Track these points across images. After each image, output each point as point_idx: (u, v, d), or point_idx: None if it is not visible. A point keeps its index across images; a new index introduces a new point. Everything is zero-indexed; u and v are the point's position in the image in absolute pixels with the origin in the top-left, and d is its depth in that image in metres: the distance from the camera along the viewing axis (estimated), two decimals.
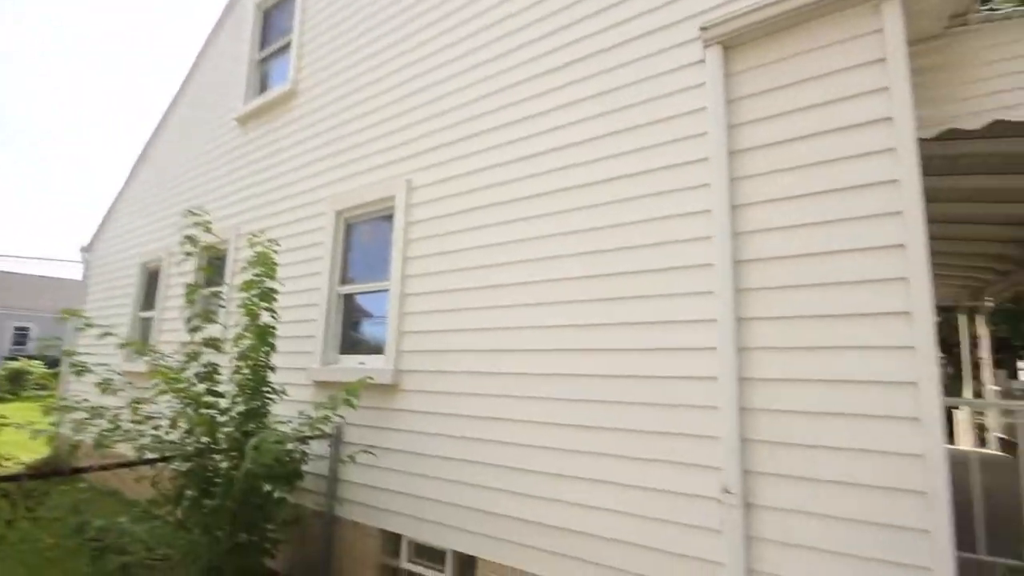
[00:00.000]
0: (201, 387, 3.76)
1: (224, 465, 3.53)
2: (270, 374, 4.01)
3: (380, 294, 4.33)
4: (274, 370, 4.07)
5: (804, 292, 2.38)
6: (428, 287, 3.92)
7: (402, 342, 3.98)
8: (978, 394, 8.23)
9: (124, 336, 7.26)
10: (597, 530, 2.81)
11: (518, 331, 3.35)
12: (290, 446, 3.55)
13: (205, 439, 3.58)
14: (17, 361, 19.65)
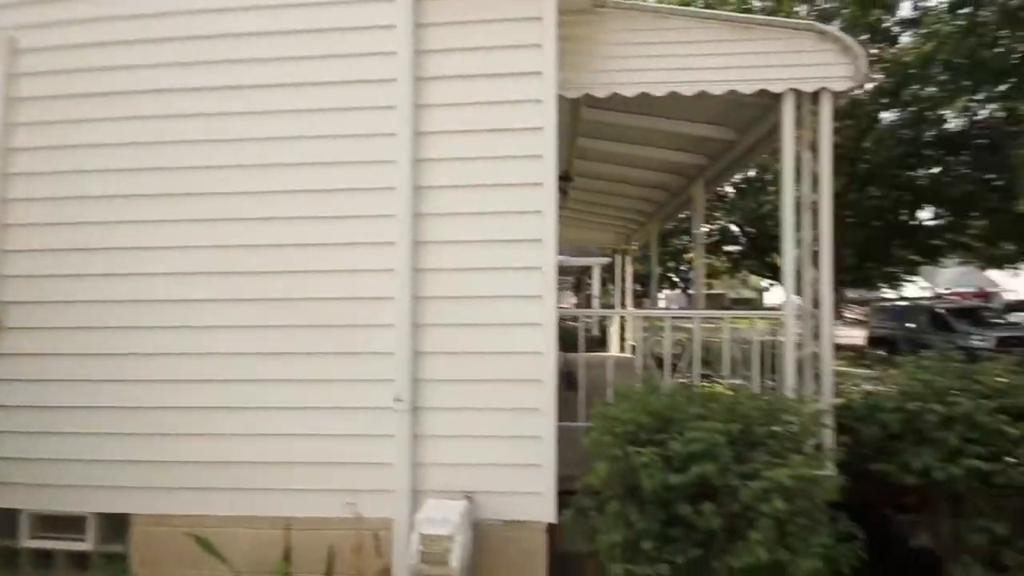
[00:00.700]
0: None
1: None
2: None
3: None
4: None
5: (468, 220, 2.66)
6: (40, 191, 2.95)
7: (3, 264, 2.94)
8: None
9: None
10: (281, 456, 2.73)
11: (171, 252, 2.84)
12: None
13: None
14: None
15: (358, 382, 2.71)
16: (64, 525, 2.93)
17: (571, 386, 3.90)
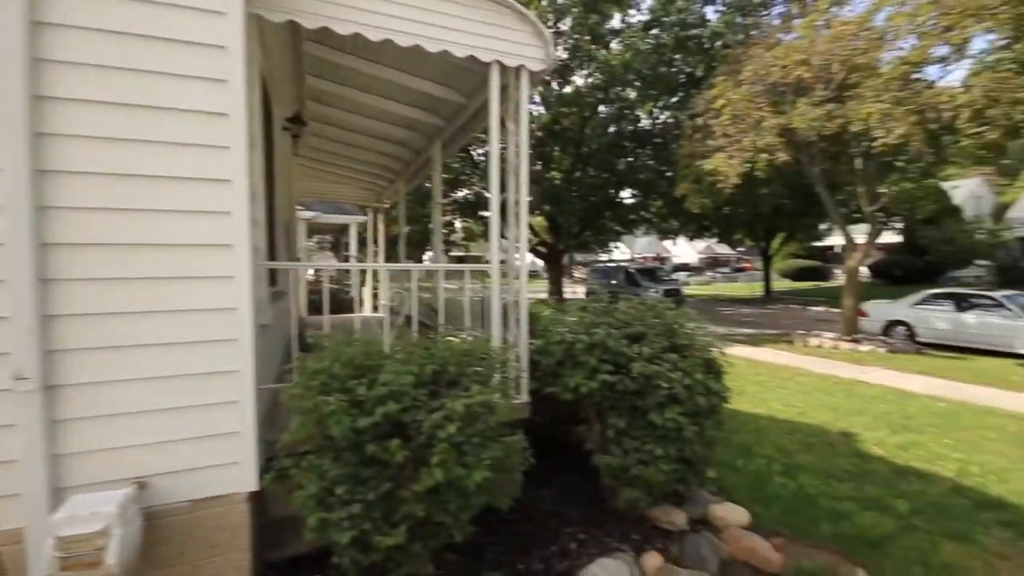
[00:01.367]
0: None
1: None
2: None
3: None
4: None
5: (122, 148, 2.13)
6: None
7: None
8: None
9: None
10: None
11: None
12: None
13: None
14: None
15: None
16: None
17: (306, 348, 3.67)
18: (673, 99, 17.13)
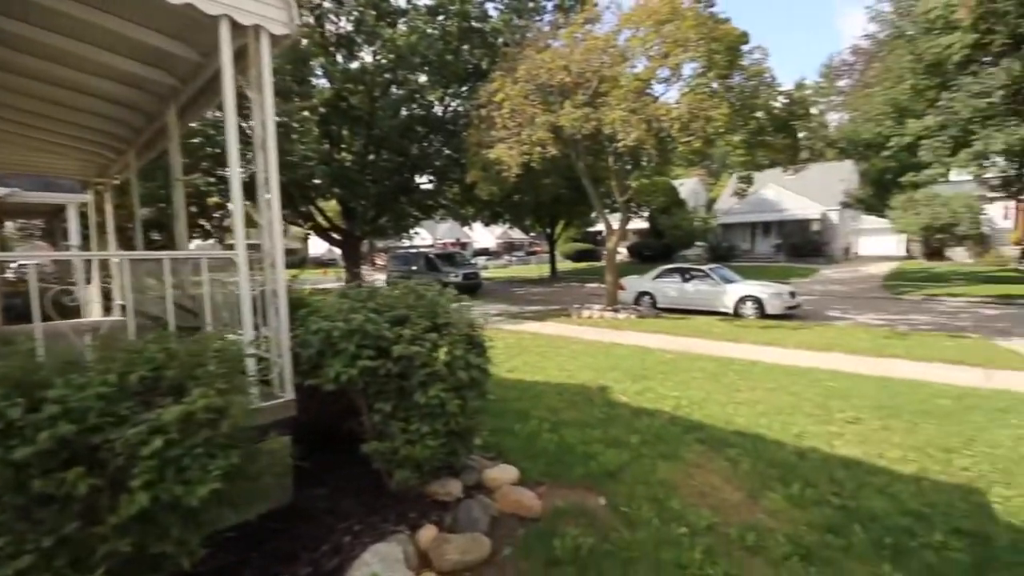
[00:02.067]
0: None
1: None
2: None
3: None
4: None
5: None
6: None
7: None
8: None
9: None
10: None
11: None
12: None
13: None
14: None
15: None
16: None
17: None
18: (463, 88, 17.67)
